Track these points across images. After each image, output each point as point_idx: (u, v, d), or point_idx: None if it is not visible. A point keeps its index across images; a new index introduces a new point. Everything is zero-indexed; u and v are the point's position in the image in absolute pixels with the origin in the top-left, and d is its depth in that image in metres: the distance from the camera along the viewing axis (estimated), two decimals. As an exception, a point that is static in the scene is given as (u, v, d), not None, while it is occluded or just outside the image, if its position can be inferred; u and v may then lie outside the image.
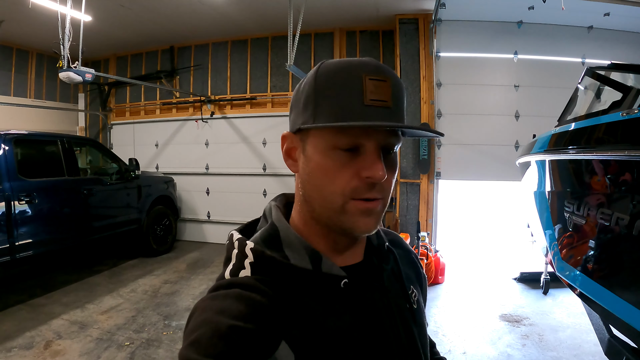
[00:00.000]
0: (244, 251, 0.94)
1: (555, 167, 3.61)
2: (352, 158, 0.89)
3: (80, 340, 5.12)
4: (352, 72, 0.88)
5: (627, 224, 2.37)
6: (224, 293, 0.87)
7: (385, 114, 0.87)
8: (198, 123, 10.58)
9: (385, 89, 0.88)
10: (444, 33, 8.34)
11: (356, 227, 0.92)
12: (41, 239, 6.33)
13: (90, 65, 11.33)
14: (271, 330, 0.82)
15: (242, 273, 0.92)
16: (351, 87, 0.87)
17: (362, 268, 1.04)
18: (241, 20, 9.10)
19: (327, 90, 0.89)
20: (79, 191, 7.13)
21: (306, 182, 0.95)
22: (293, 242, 0.96)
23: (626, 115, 2.46)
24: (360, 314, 0.95)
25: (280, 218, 1.01)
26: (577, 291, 3.26)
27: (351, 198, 0.90)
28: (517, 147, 7.98)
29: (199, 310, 0.86)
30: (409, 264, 1.25)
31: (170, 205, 9.69)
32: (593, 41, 8.02)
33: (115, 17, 8.81)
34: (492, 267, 8.17)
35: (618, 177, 2.58)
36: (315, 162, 0.92)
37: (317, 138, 0.91)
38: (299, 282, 0.91)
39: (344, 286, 0.94)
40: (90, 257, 8.63)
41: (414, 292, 1.15)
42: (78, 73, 6.48)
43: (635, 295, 2.42)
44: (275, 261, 0.91)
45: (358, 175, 0.88)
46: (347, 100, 0.87)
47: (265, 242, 0.97)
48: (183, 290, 6.97)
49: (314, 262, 0.93)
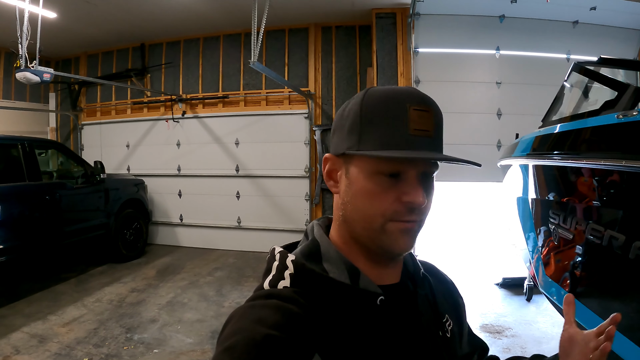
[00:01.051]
0: (284, 263, 0.98)
1: (540, 173, 3.37)
2: (394, 183, 0.93)
3: (38, 355, 4.93)
4: (398, 102, 0.92)
5: (621, 244, 2.10)
6: (262, 303, 0.90)
7: (427, 143, 0.93)
8: (169, 123, 10.43)
9: (428, 119, 0.93)
10: (422, 28, 8.20)
11: (395, 246, 0.95)
12: (3, 247, 6.16)
13: (60, 63, 11.21)
14: (306, 341, 0.84)
15: (281, 284, 0.96)
16: (396, 116, 0.91)
17: (398, 290, 1.06)
18: (212, 15, 8.96)
19: (373, 118, 0.93)
20: (42, 196, 6.91)
21: (348, 203, 0.98)
22: (333, 257, 1.00)
23: (623, 118, 2.18)
24: (393, 334, 0.97)
25: (321, 234, 1.05)
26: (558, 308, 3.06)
27: (390, 220, 0.93)
28: (499, 146, 7.89)
29: (236, 317, 0.88)
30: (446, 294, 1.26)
31: (140, 208, 9.49)
32: (579, 36, 7.95)
33: (82, 14, 8.60)
34: (474, 272, 8.03)
35: (610, 188, 2.30)
36: (359, 185, 0.95)
37: (362, 163, 0.95)
38: (336, 296, 0.94)
39: (380, 303, 0.96)
40: (58, 264, 8.42)
41: (449, 321, 1.16)
42: (35, 73, 6.33)
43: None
44: (315, 274, 0.95)
45: (399, 200, 0.92)
46: (392, 129, 0.91)
47: (306, 256, 1.01)
48: (149, 300, 6.77)
49: (352, 277, 0.97)
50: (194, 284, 7.52)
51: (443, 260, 8.58)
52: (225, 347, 0.79)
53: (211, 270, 8.33)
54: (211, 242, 10.15)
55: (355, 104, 0.97)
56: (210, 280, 7.74)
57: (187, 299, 6.78)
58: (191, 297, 6.86)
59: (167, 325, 5.77)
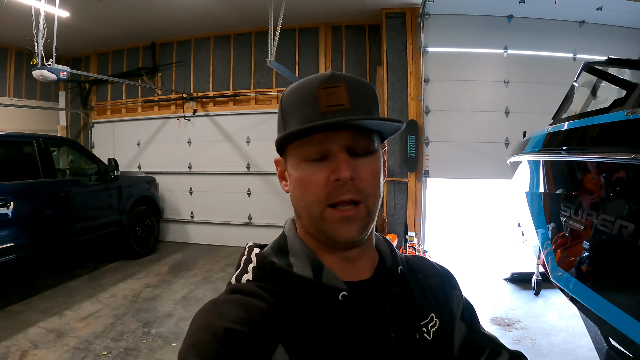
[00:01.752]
0: (250, 257, 1.03)
1: (550, 168, 3.45)
2: (323, 166, 0.93)
3: (56, 349, 4.96)
4: (307, 87, 0.95)
5: (631, 232, 2.20)
6: (225, 298, 0.93)
7: (341, 115, 0.90)
8: (180, 121, 10.48)
9: (340, 94, 0.93)
10: (431, 27, 8.25)
11: (337, 235, 0.94)
12: (18, 243, 6.18)
13: (70, 62, 11.27)
14: (268, 334, 0.85)
15: (245, 277, 0.99)
16: (306, 99, 0.94)
17: (368, 287, 1.04)
18: (223, 14, 8.98)
19: (288, 108, 0.97)
20: (57, 193, 6.95)
21: (293, 198, 1.01)
22: (297, 250, 1.01)
23: (632, 115, 2.28)
24: (355, 332, 0.95)
25: (290, 228, 1.07)
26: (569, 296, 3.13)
27: (328, 205, 0.93)
28: (507, 144, 7.91)
29: (200, 314, 0.90)
30: (434, 289, 1.19)
31: (152, 205, 9.54)
32: (585, 36, 7.96)
33: (94, 13, 8.64)
34: (483, 268, 8.07)
35: (619, 182, 2.40)
36: (294, 177, 0.97)
37: (292, 155, 0.98)
38: (299, 290, 0.95)
39: (342, 299, 0.95)
40: (70, 261, 8.48)
41: (434, 321, 1.10)
42: (52, 71, 6.38)
43: (631, 304, 2.28)
44: (275, 267, 0.98)
45: (328, 180, 0.92)
46: (304, 112, 0.93)
47: (274, 250, 1.04)
48: (164, 295, 6.82)
49: (315, 272, 0.97)
50: (207, 279, 7.57)
51: (453, 255, 8.67)
52: (189, 343, 0.82)
53: (223, 267, 8.37)
54: (222, 239, 10.18)
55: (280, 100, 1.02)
56: (222, 276, 7.75)
57: (201, 294, 6.82)
58: (205, 292, 6.89)
59: (183, 320, 5.81)
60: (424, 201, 8.50)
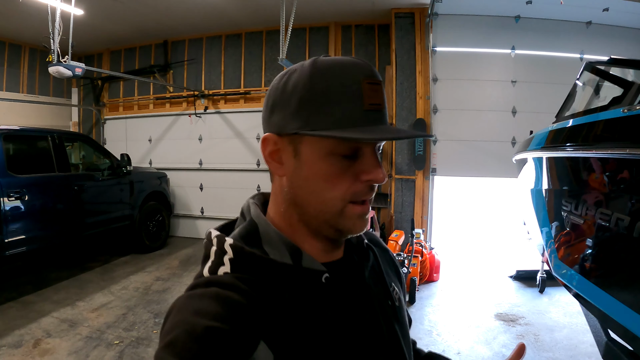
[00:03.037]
0: (222, 248, 0.92)
1: (553, 165, 3.53)
2: (352, 163, 0.90)
3: (69, 338, 5.06)
4: (351, 75, 0.87)
5: (627, 225, 2.29)
6: (201, 292, 0.84)
7: (380, 117, 0.89)
8: (191, 118, 10.54)
9: (380, 93, 0.90)
10: (440, 27, 8.30)
11: (354, 229, 0.94)
12: (32, 235, 6.26)
13: (83, 59, 11.26)
14: (249, 331, 0.80)
15: (221, 270, 0.90)
16: (351, 91, 0.86)
17: (343, 265, 1.04)
18: (235, 14, 9.05)
19: (326, 93, 0.87)
20: (70, 187, 7.05)
21: (300, 187, 0.93)
22: (273, 238, 0.95)
23: (627, 112, 2.36)
24: (342, 310, 0.95)
25: (259, 214, 1.00)
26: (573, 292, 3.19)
27: (350, 201, 0.91)
28: (513, 143, 7.93)
29: (176, 310, 0.83)
30: (388, 262, 1.25)
31: (163, 201, 9.62)
32: (592, 37, 7.95)
33: (108, 11, 8.73)
34: (488, 265, 8.10)
35: (618, 176, 2.49)
36: (314, 167, 0.90)
37: (316, 143, 0.90)
38: (279, 278, 0.90)
39: (325, 281, 0.93)
40: (82, 254, 8.58)
41: (395, 289, 1.16)
42: (68, 67, 6.46)
43: (633, 298, 2.34)
44: (255, 257, 0.90)
45: (358, 179, 0.90)
46: (348, 105, 0.86)
47: (244, 239, 0.95)
48: (175, 288, 6.91)
49: (294, 258, 0.93)
50: None
51: (459, 252, 8.72)
52: (166, 342, 0.76)
53: (232, 261, 8.38)
54: (232, 235, 10.14)
55: (302, 76, 0.90)
56: (231, 270, 7.77)
57: (211, 287, 6.87)
58: (214, 285, 6.94)
59: (193, 311, 5.89)
60: (431, 199, 8.54)
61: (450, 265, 8.00)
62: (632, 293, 2.39)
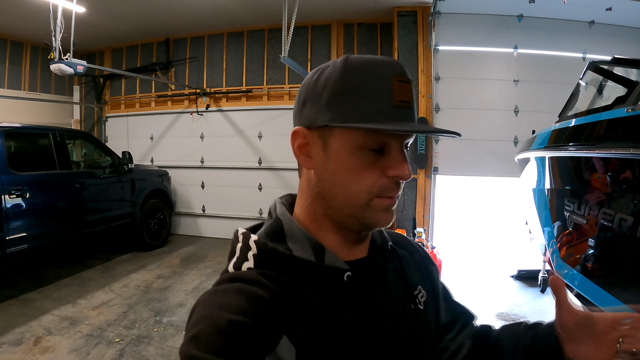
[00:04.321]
0: (247, 244, 0.96)
1: (556, 164, 3.52)
2: (379, 157, 0.91)
3: (70, 336, 5.07)
4: (381, 73, 0.90)
5: (630, 225, 2.27)
6: (225, 287, 0.87)
7: (409, 114, 0.92)
8: (193, 116, 10.53)
9: (409, 91, 0.92)
10: (442, 26, 8.26)
11: (379, 222, 0.95)
12: (33, 233, 6.26)
13: (85, 57, 11.31)
14: (272, 325, 0.82)
15: (245, 265, 0.93)
16: (382, 88, 0.89)
17: (366, 265, 1.04)
18: (237, 11, 9.04)
19: (357, 88, 0.89)
20: (71, 185, 7.04)
21: (327, 179, 0.95)
22: (296, 235, 0.97)
23: (631, 112, 2.35)
24: (362, 310, 0.96)
25: (284, 212, 1.02)
26: (574, 292, 3.17)
27: (376, 196, 0.92)
28: (516, 142, 7.91)
29: (200, 305, 0.86)
30: (417, 264, 1.24)
31: (164, 199, 9.62)
32: (594, 36, 7.91)
33: (110, 9, 8.73)
34: (490, 264, 8.09)
35: (621, 176, 2.47)
36: (342, 160, 0.92)
37: (344, 137, 0.92)
38: (301, 274, 0.92)
39: (347, 279, 0.95)
40: (83, 252, 8.58)
41: (422, 292, 1.16)
42: (69, 65, 6.46)
43: (635, 299, 2.32)
44: (278, 253, 0.93)
45: (385, 174, 0.91)
46: (378, 100, 0.88)
47: (269, 236, 0.98)
48: (176, 286, 6.91)
49: (317, 255, 0.95)
50: (218, 271, 7.37)
51: (461, 252, 8.69)
52: (190, 336, 0.78)
53: (234, 259, 8.37)
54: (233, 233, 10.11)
55: (334, 72, 0.92)
56: (233, 268, 7.76)
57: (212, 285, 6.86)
58: (216, 283, 6.93)
59: (195, 310, 5.89)
60: (433, 198, 8.53)
61: (451, 265, 7.96)
62: (634, 294, 2.36)
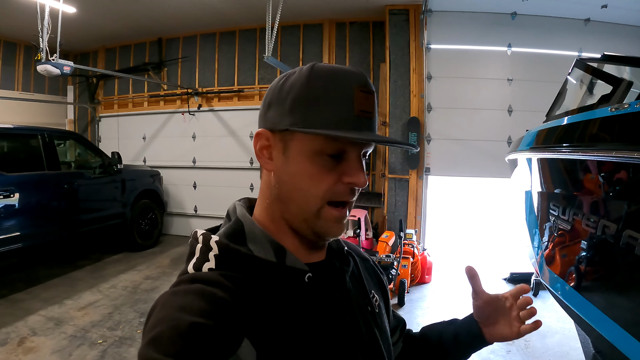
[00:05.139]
0: (208, 244, 0.94)
1: (542, 166, 3.41)
2: (336, 164, 0.93)
3: (54, 337, 5.10)
4: (345, 82, 0.92)
5: (614, 233, 2.16)
6: (186, 288, 0.85)
7: (369, 124, 0.95)
8: (185, 116, 10.52)
9: (372, 102, 0.95)
10: (434, 24, 8.19)
11: (329, 232, 0.97)
12: (20, 233, 6.26)
13: (79, 57, 11.38)
14: (233, 327, 0.81)
15: (206, 266, 0.92)
16: (344, 97, 0.91)
17: (325, 268, 1.06)
18: (229, 11, 9.02)
19: (320, 95, 0.92)
20: (60, 185, 7.02)
21: (285, 182, 0.97)
22: (257, 236, 0.97)
23: (615, 111, 2.24)
24: (323, 311, 0.97)
25: (245, 214, 1.02)
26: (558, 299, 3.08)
27: (328, 202, 0.94)
28: (509, 142, 7.79)
29: (160, 306, 0.84)
30: (369, 271, 1.29)
31: (156, 199, 9.60)
32: (590, 34, 7.84)
33: (102, 9, 8.73)
34: (482, 267, 7.86)
35: (606, 180, 2.35)
36: (300, 164, 0.94)
37: (304, 141, 0.93)
38: (262, 276, 0.92)
39: (308, 280, 0.96)
40: (75, 252, 8.60)
41: (375, 297, 1.19)
42: (56, 66, 6.53)
43: (624, 315, 2.21)
44: (240, 254, 0.92)
45: (340, 181, 0.94)
46: (340, 109, 0.91)
47: (229, 237, 0.97)
48: (163, 287, 6.85)
49: (278, 256, 0.95)
50: None
51: (453, 253, 8.66)
52: (150, 338, 0.76)
53: (224, 260, 8.35)
54: (224, 233, 10.11)
55: (300, 78, 0.94)
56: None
57: (199, 286, 6.83)
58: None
59: (179, 311, 5.85)
60: (424, 199, 8.46)
61: (443, 267, 7.94)
62: (617, 306, 2.26)
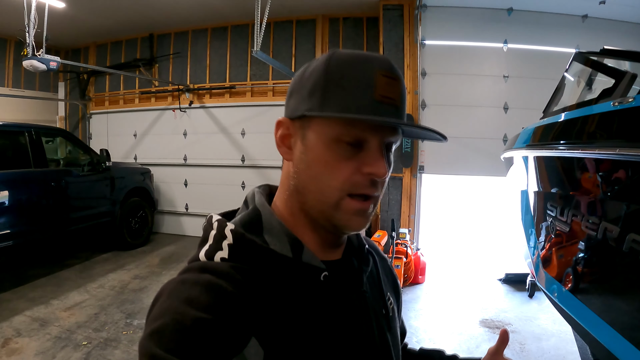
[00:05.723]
0: (223, 232, 0.91)
1: (538, 165, 3.31)
2: (355, 153, 0.88)
3: (38, 338, 5.03)
4: (366, 66, 0.87)
5: (616, 236, 2.04)
6: (195, 278, 0.82)
7: (393, 112, 0.88)
8: (175, 113, 10.47)
9: (396, 88, 0.89)
10: (429, 20, 8.11)
11: (349, 226, 0.92)
12: (5, 232, 6.19)
13: (70, 53, 11.33)
14: (240, 325, 0.78)
15: (219, 255, 0.88)
16: (364, 80, 0.86)
17: (342, 266, 1.03)
18: (221, 6, 8.96)
19: (339, 79, 0.87)
20: (47, 183, 6.96)
21: (302, 172, 0.93)
22: (275, 228, 0.94)
23: (618, 105, 2.11)
24: (336, 312, 0.94)
25: (263, 203, 0.99)
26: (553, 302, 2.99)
27: (348, 194, 0.89)
28: (505, 140, 7.77)
29: (166, 294, 0.81)
30: (386, 271, 1.25)
31: (146, 197, 9.52)
32: (588, 30, 7.77)
33: (92, 4, 8.65)
34: (477, 267, 8.02)
35: (608, 179, 2.23)
36: (317, 152, 0.90)
37: (322, 128, 0.89)
38: (276, 271, 0.89)
39: (324, 279, 0.93)
40: (64, 251, 8.54)
41: (390, 299, 1.16)
42: (42, 61, 6.51)
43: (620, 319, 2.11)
44: (255, 245, 0.89)
45: (359, 171, 0.88)
46: (358, 92, 0.86)
47: (245, 226, 0.94)
48: (152, 287, 6.82)
49: (294, 251, 0.92)
50: None
51: (447, 253, 8.64)
52: (153, 330, 0.74)
53: (214, 259, 8.32)
54: (216, 232, 10.09)
55: (319, 64, 0.91)
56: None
57: (188, 286, 6.78)
58: (193, 284, 6.85)
59: (167, 313, 5.80)
60: (418, 197, 8.40)
61: (437, 267, 7.90)
62: (614, 310, 2.19)
